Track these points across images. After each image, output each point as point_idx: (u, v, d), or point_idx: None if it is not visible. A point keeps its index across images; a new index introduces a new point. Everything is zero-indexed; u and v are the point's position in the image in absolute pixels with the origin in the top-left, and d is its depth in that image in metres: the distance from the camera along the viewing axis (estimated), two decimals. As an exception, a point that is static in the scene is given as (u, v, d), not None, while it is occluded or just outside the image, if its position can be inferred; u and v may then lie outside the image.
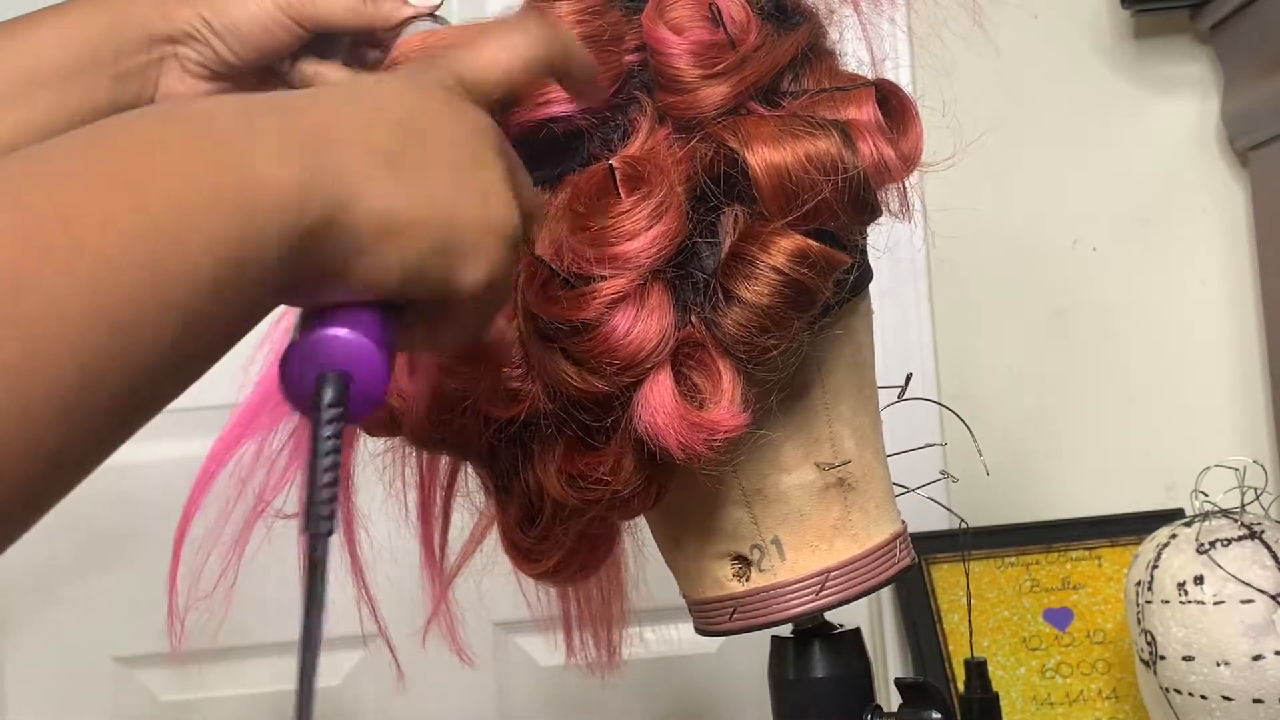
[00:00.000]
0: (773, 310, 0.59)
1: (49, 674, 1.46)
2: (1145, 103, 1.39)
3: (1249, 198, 1.37)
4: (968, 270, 1.38)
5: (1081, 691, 1.25)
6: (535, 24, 0.53)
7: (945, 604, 1.28)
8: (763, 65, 0.61)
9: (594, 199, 0.59)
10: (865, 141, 0.60)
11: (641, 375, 0.58)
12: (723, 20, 0.61)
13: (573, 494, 0.61)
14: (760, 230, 0.59)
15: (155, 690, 1.45)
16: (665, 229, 0.58)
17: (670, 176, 0.59)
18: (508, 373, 0.59)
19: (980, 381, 1.39)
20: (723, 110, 0.61)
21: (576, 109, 0.60)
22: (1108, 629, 1.27)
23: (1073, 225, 1.39)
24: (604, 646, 0.79)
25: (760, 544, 0.67)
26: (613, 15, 0.63)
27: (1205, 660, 1.01)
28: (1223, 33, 1.35)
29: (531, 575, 0.70)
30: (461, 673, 0.86)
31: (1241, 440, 1.38)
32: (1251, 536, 1.03)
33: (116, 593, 1.42)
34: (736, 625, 0.69)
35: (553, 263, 0.59)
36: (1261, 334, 1.38)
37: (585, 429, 0.60)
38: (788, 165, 0.58)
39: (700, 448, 0.58)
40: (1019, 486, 1.38)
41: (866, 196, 0.61)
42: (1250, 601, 1.00)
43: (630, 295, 0.57)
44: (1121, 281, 1.39)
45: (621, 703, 1.40)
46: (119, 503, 1.43)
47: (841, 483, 0.68)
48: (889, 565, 0.69)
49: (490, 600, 0.82)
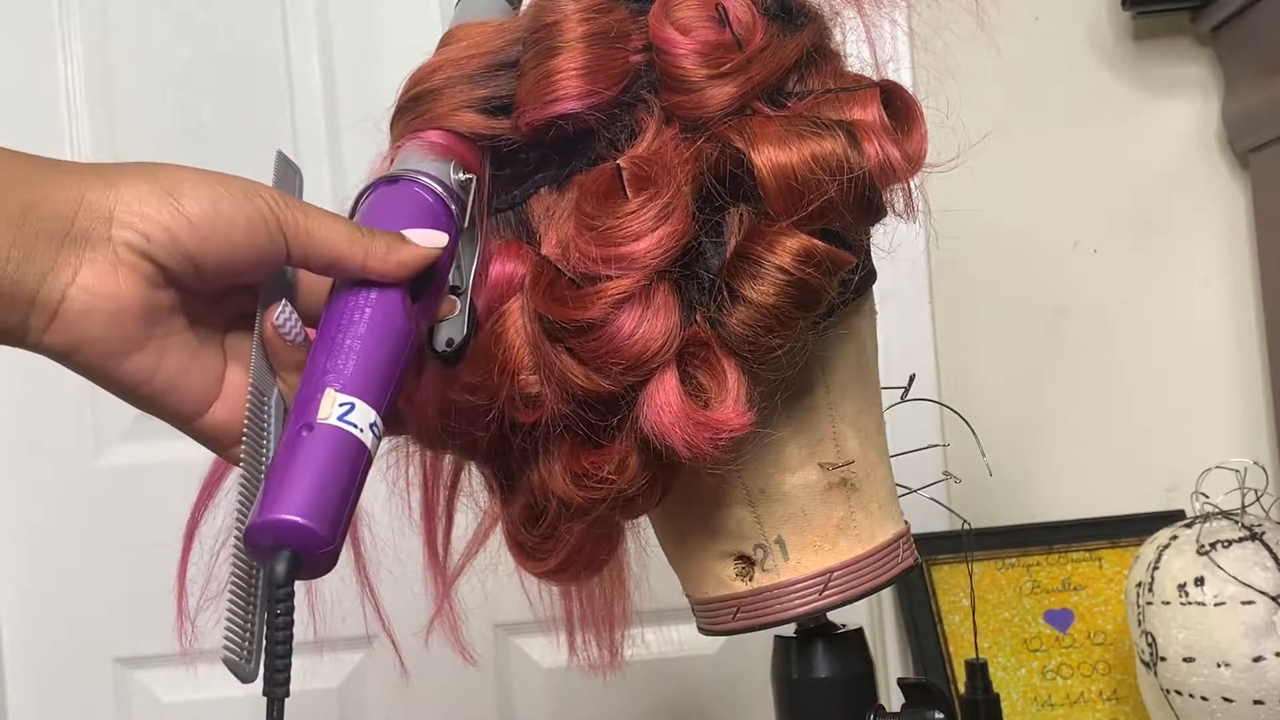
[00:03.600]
0: (778, 310, 0.59)
1: (49, 674, 1.46)
2: (1146, 105, 1.40)
3: (1249, 200, 1.37)
4: (969, 271, 1.38)
5: (1082, 693, 1.26)
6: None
7: (946, 605, 1.28)
8: (769, 66, 0.61)
9: (601, 199, 0.59)
10: (871, 142, 0.60)
11: (647, 375, 0.58)
12: (729, 21, 0.61)
13: (578, 492, 0.61)
14: (766, 230, 0.59)
15: (156, 691, 1.45)
16: (671, 229, 0.58)
17: (677, 177, 0.59)
18: (524, 379, 0.60)
19: (981, 383, 1.39)
20: (729, 110, 0.61)
21: (583, 106, 0.61)
22: (1108, 630, 1.27)
23: (1073, 227, 1.39)
24: (606, 647, 0.79)
25: (764, 543, 0.68)
26: (619, 13, 0.63)
27: (1206, 661, 1.01)
28: (1223, 35, 1.35)
29: (535, 574, 0.70)
30: (462, 674, 0.86)
31: (1242, 442, 1.38)
32: (1252, 538, 1.03)
33: (117, 593, 1.42)
34: (739, 625, 0.69)
35: (559, 263, 0.60)
36: (1262, 335, 1.38)
37: (591, 427, 0.60)
38: (793, 165, 0.59)
39: (705, 447, 0.58)
40: (1019, 488, 1.38)
41: (872, 197, 0.61)
42: (1251, 603, 1.00)
43: (636, 295, 0.58)
44: (1122, 283, 1.39)
45: (623, 704, 1.40)
46: (120, 503, 1.43)
47: (845, 483, 0.68)
48: (892, 565, 0.69)
49: (491, 602, 0.83)
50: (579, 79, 0.60)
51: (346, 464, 0.50)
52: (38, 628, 1.45)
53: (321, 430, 0.50)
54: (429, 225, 0.57)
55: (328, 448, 0.50)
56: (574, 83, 0.60)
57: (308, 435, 0.50)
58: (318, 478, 0.49)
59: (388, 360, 0.53)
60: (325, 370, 0.52)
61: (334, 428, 0.50)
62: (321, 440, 0.50)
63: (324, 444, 0.50)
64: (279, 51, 1.46)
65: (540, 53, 0.62)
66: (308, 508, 0.48)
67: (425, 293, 0.56)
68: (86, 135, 1.47)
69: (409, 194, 0.58)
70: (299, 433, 0.50)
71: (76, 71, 1.47)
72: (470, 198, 0.60)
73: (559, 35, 0.61)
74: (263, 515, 0.48)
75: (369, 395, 0.52)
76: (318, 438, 0.50)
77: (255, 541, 0.48)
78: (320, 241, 0.53)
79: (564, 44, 0.61)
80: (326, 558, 0.49)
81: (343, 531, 0.50)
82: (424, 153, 0.61)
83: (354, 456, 0.50)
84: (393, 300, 0.54)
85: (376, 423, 0.52)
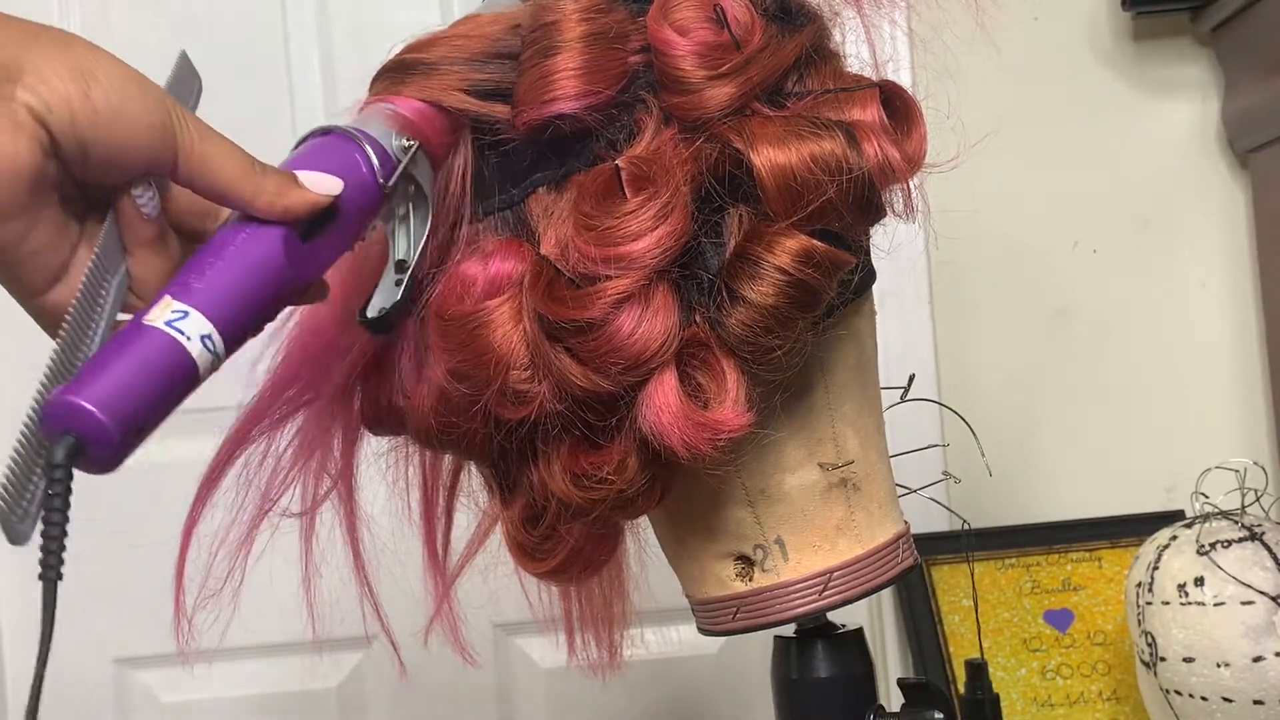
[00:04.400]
0: (777, 310, 0.59)
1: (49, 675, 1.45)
2: (1145, 105, 1.40)
3: (1249, 200, 1.37)
4: (968, 271, 1.38)
5: (1082, 693, 1.26)
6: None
7: (946, 605, 1.28)
8: (767, 66, 0.61)
9: (600, 199, 0.59)
10: (870, 142, 0.60)
11: (646, 375, 0.58)
12: (727, 21, 0.61)
13: (577, 493, 0.61)
14: (765, 230, 0.59)
15: (156, 691, 1.45)
16: (670, 229, 0.58)
17: (676, 177, 0.59)
18: (516, 375, 0.60)
19: (980, 383, 1.39)
20: (728, 111, 0.61)
21: (581, 107, 0.61)
22: (1108, 630, 1.27)
23: (1073, 227, 1.39)
24: (605, 647, 0.79)
25: (763, 544, 0.68)
26: (618, 14, 0.63)
27: (1205, 661, 1.01)
28: (1223, 35, 1.35)
29: (535, 574, 0.70)
30: (462, 674, 0.86)
31: (1242, 442, 1.38)
32: (1252, 538, 1.03)
33: (117, 593, 1.42)
34: (739, 625, 0.69)
35: (558, 262, 0.60)
36: (1262, 336, 1.38)
37: (590, 428, 0.60)
38: (793, 166, 0.59)
39: (705, 447, 0.58)
40: (1019, 488, 1.38)
41: (871, 197, 0.61)
42: (1250, 603, 1.00)
43: (635, 295, 0.58)
44: (1122, 283, 1.40)
45: (623, 704, 1.40)
46: (120, 504, 1.43)
47: (845, 483, 0.68)
48: (892, 565, 0.69)
49: (491, 602, 0.83)
50: (577, 79, 0.60)
51: (161, 368, 0.50)
52: (38, 627, 1.45)
53: (144, 329, 0.51)
54: (346, 176, 0.57)
55: (146, 347, 0.50)
56: (572, 83, 0.60)
57: (133, 333, 0.51)
58: (125, 374, 0.49)
59: (244, 284, 0.54)
60: (176, 281, 0.53)
61: (158, 330, 0.51)
62: (143, 339, 0.51)
63: (144, 343, 0.51)
64: (279, 51, 1.46)
65: (538, 52, 0.62)
66: (103, 399, 0.48)
67: (319, 235, 0.57)
68: (86, 135, 1.46)
69: (338, 146, 0.59)
70: (128, 329, 0.51)
71: (76, 71, 1.46)
72: (406, 160, 0.60)
73: (557, 35, 0.61)
74: (63, 394, 0.49)
75: (210, 310, 0.52)
76: (140, 336, 0.51)
77: (49, 416, 0.49)
78: (214, 170, 0.54)
79: (562, 44, 0.61)
80: (109, 452, 0.49)
81: (136, 433, 0.50)
82: (377, 115, 0.61)
83: (171, 362, 0.51)
84: (271, 233, 0.55)
85: (211, 335, 0.52)
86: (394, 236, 0.63)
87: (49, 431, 0.49)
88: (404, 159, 0.60)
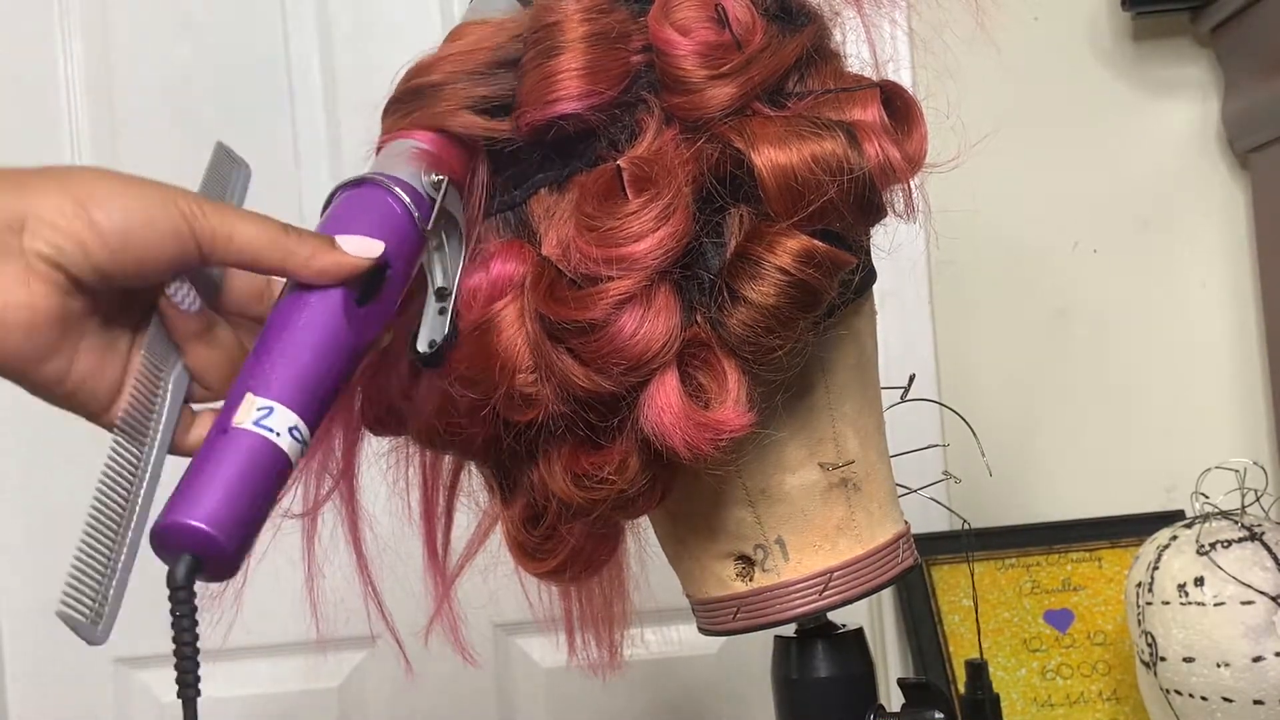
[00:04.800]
0: (778, 310, 0.59)
1: (49, 674, 1.46)
2: (1145, 105, 1.40)
3: (1249, 200, 1.38)
4: (969, 271, 1.38)
5: (1082, 693, 1.26)
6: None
7: (946, 605, 1.29)
8: (768, 66, 0.61)
9: (601, 200, 0.59)
10: (871, 142, 0.60)
11: (648, 375, 0.58)
12: (728, 21, 0.61)
13: (578, 493, 0.61)
14: (766, 231, 0.59)
15: (155, 691, 1.45)
16: (672, 230, 0.58)
17: (677, 178, 0.59)
18: (522, 378, 0.60)
19: (980, 383, 1.39)
20: (729, 111, 0.61)
21: (584, 107, 0.61)
22: (1108, 630, 1.27)
23: (1073, 227, 1.40)
24: (606, 647, 0.79)
25: (764, 544, 0.68)
26: (619, 14, 0.63)
27: (1205, 661, 1.01)
28: (1223, 35, 1.35)
29: (535, 574, 0.70)
30: (462, 674, 0.86)
31: (1242, 442, 1.38)
32: (1252, 538, 1.03)
33: (117, 593, 1.42)
34: (740, 625, 0.69)
35: (560, 263, 0.60)
36: (1262, 336, 1.38)
37: (591, 428, 0.60)
38: (794, 166, 0.59)
39: (706, 447, 0.58)
40: (1019, 488, 1.38)
41: (872, 197, 0.61)
42: (1250, 603, 1.00)
43: (637, 296, 0.58)
44: (1122, 283, 1.40)
45: (623, 704, 1.40)
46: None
47: (845, 483, 0.68)
48: (892, 565, 0.69)
49: (491, 602, 0.83)
50: (579, 80, 0.60)
51: (258, 469, 0.51)
52: (38, 627, 1.45)
53: (236, 434, 0.51)
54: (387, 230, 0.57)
55: (240, 452, 0.50)
56: (574, 83, 0.60)
57: (222, 439, 0.51)
58: (226, 483, 0.50)
59: (317, 364, 0.53)
60: (250, 374, 0.53)
61: (249, 432, 0.51)
62: (234, 444, 0.51)
63: (236, 448, 0.51)
64: (279, 51, 1.46)
65: (541, 53, 0.62)
66: (212, 515, 0.49)
67: (376, 297, 0.57)
68: (86, 135, 1.47)
69: (372, 198, 0.58)
70: (216, 435, 0.51)
71: (76, 71, 1.47)
72: (440, 198, 0.60)
73: (560, 35, 0.61)
74: (170, 516, 0.49)
75: (291, 400, 0.52)
76: (231, 441, 0.51)
77: (162, 539, 0.49)
78: (241, 247, 0.54)
79: (565, 44, 0.61)
80: (226, 561, 0.50)
81: (248, 538, 0.50)
82: (402, 155, 0.61)
83: (267, 462, 0.51)
84: (331, 304, 0.55)
85: (298, 427, 0.52)
86: (431, 266, 0.62)
87: (164, 553, 0.49)
88: (438, 196, 0.60)
